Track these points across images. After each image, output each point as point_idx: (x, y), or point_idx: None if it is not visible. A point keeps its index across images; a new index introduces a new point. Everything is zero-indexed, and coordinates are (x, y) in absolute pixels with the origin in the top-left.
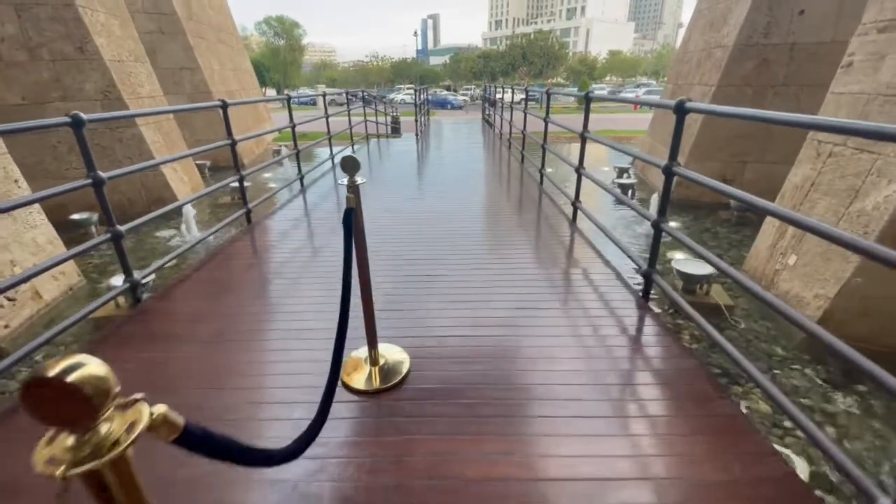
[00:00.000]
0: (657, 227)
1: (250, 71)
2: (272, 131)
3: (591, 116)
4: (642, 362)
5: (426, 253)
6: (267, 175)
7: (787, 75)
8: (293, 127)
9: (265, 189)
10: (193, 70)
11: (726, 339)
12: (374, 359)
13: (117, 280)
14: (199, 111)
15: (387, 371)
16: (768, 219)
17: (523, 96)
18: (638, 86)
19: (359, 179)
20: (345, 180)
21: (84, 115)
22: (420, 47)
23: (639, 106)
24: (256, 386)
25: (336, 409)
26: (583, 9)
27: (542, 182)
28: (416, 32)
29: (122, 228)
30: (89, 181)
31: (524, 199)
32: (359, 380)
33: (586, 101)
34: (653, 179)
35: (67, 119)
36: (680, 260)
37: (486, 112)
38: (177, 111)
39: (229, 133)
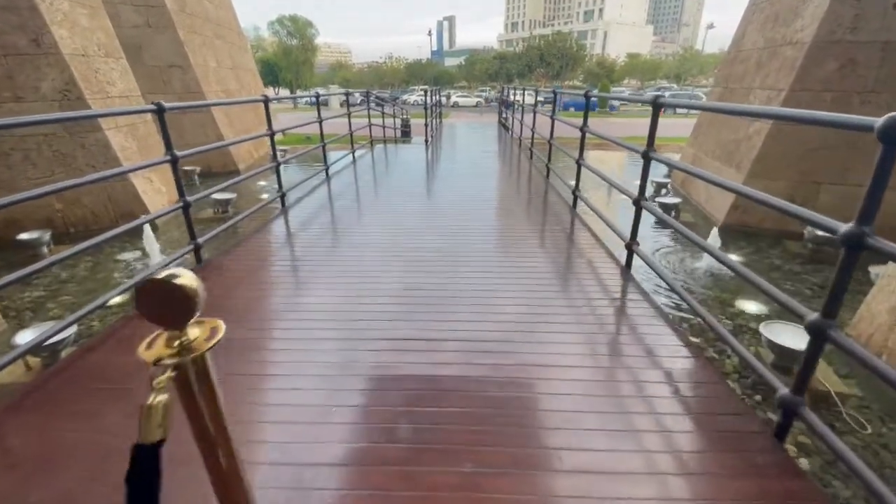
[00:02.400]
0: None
1: (253, 69)
2: (236, 142)
3: (610, 120)
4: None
5: (425, 320)
6: (262, 183)
7: (878, 79)
8: (271, 135)
9: (256, 200)
10: (184, 68)
11: (855, 456)
12: None
13: (25, 336)
14: (189, 111)
15: None
16: (889, 269)
17: (541, 98)
18: (658, 89)
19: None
20: None
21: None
22: (435, 48)
23: (664, 111)
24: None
25: None
26: (600, 11)
27: (575, 205)
28: (430, 31)
29: None
30: None
31: (549, 224)
32: None
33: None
34: (699, 197)
35: None
36: (772, 326)
37: (503, 115)
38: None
39: (168, 145)
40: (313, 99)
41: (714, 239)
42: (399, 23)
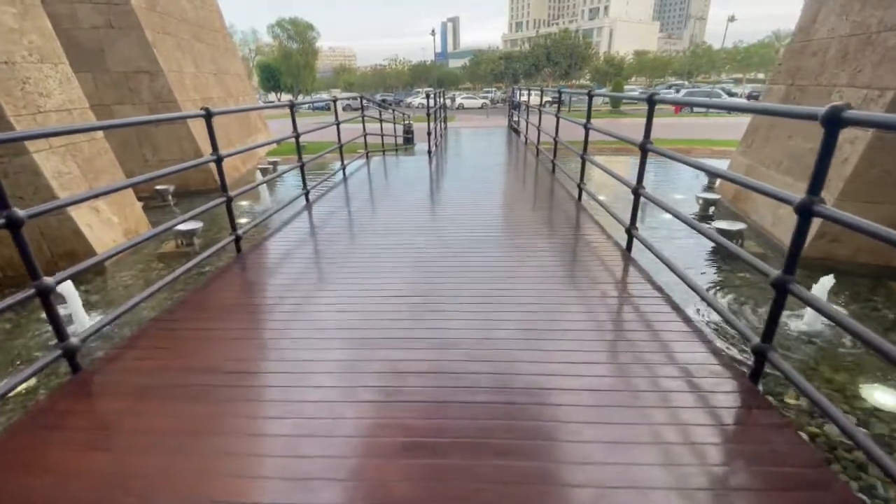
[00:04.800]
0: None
1: (241, 75)
2: (196, 164)
3: (624, 121)
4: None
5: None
6: (244, 203)
7: None
8: (218, 160)
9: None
10: (153, 74)
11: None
12: None
13: None
14: (162, 123)
15: None
16: None
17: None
18: (670, 86)
19: None
20: None
21: None
22: (439, 50)
23: (680, 109)
24: None
25: None
26: (606, 9)
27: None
28: (433, 31)
29: None
30: None
31: (580, 255)
32: None
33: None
34: (762, 219)
35: None
36: None
37: (514, 119)
38: None
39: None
40: (318, 104)
41: (822, 288)
42: (403, 25)
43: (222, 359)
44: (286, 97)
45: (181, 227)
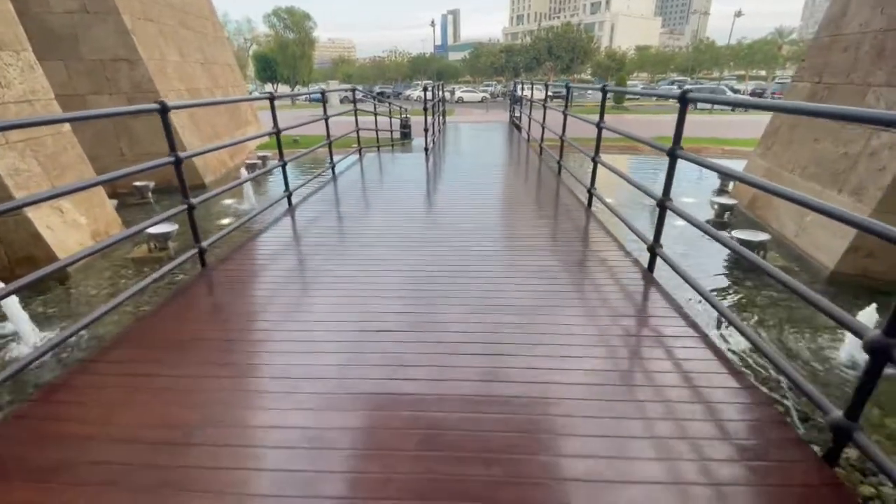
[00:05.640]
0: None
1: (231, 64)
2: (154, 166)
3: (627, 117)
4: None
5: None
6: (228, 201)
7: None
8: (177, 162)
9: (220, 224)
10: (132, 62)
11: None
12: None
13: None
14: (142, 114)
15: None
16: None
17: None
18: (672, 82)
19: None
20: None
21: None
22: (439, 42)
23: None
24: None
25: None
26: (607, 3)
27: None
28: (433, 22)
29: None
30: None
31: (594, 275)
32: None
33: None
34: (783, 228)
35: None
36: None
37: (516, 115)
38: None
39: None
40: (314, 97)
41: (869, 316)
42: (403, 17)
43: (158, 422)
44: (283, 88)
45: (154, 229)
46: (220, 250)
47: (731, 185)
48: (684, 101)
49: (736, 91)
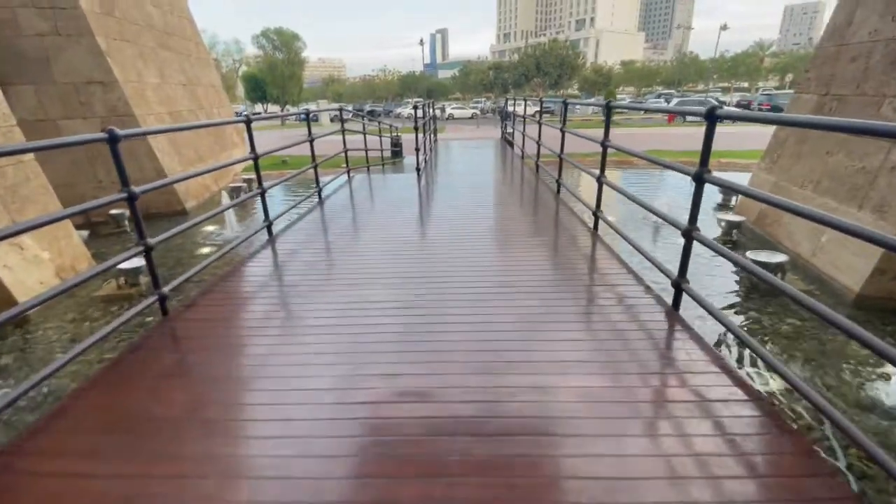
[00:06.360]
0: None
1: (216, 86)
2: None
3: (615, 132)
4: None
5: None
6: (210, 228)
7: None
8: (130, 199)
9: (198, 256)
10: (107, 84)
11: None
12: None
13: None
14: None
15: None
16: None
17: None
18: (659, 95)
19: None
20: None
21: None
22: (428, 61)
23: (673, 118)
24: None
25: None
26: (592, 20)
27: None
28: (421, 41)
29: None
30: None
31: (611, 315)
32: None
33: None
34: (797, 246)
35: None
36: None
37: (508, 131)
38: None
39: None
40: (303, 116)
41: None
42: (393, 37)
43: None
44: (273, 108)
45: (125, 264)
46: (191, 289)
47: (734, 200)
48: (712, 118)
49: (722, 103)
